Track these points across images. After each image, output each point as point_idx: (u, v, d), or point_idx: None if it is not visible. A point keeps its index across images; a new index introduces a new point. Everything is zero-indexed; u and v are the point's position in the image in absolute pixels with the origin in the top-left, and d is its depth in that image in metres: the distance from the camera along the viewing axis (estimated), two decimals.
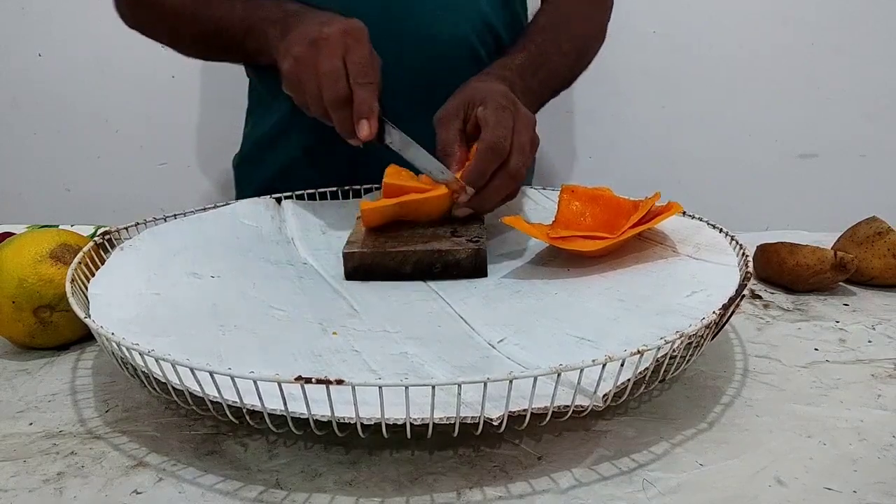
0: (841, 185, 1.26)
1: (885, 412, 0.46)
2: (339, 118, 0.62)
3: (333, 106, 0.61)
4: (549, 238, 0.58)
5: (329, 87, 0.61)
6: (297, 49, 0.62)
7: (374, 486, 0.40)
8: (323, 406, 0.37)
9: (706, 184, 1.26)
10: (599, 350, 0.45)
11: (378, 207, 0.61)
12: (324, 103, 0.62)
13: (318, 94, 0.62)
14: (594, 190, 0.63)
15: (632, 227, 0.56)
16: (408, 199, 0.61)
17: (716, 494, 0.39)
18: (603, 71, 0.80)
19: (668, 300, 0.50)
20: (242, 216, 0.68)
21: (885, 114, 1.23)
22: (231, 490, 0.40)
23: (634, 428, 0.44)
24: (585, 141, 1.28)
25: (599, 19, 0.85)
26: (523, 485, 0.39)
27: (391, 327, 0.51)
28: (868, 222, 0.64)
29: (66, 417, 0.47)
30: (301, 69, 0.62)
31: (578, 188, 0.64)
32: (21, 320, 0.54)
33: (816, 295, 0.63)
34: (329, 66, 0.61)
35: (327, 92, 0.61)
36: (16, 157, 1.34)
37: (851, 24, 1.19)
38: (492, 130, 0.59)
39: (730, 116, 1.25)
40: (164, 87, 1.28)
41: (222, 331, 0.49)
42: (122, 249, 0.59)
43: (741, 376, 0.50)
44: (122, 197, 1.34)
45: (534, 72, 0.72)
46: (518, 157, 0.60)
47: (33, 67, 1.29)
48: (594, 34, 0.84)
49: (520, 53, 0.74)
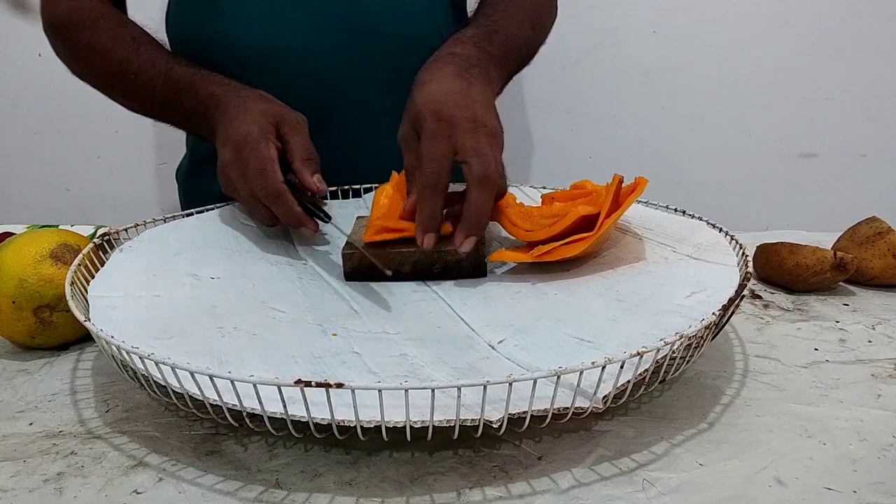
0: (841, 185, 1.26)
1: (885, 412, 0.46)
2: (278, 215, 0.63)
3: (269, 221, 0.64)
4: (534, 258, 0.57)
5: (254, 213, 0.64)
6: (220, 160, 0.64)
7: (374, 486, 0.40)
8: (323, 409, 0.37)
9: (706, 184, 1.26)
10: (599, 351, 0.45)
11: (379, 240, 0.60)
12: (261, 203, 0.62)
13: (251, 214, 0.65)
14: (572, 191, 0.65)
15: (606, 217, 0.56)
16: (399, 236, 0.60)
17: (716, 494, 0.39)
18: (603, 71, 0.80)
19: (667, 300, 0.50)
20: (242, 217, 0.68)
21: (885, 114, 1.23)
22: (231, 490, 0.40)
23: (634, 428, 0.44)
24: (585, 141, 1.28)
25: None
26: (523, 485, 0.39)
27: (391, 328, 0.51)
28: (868, 222, 0.64)
29: (66, 417, 0.47)
30: (228, 196, 0.66)
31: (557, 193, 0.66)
32: (21, 320, 0.54)
33: (816, 295, 0.63)
34: (243, 195, 0.63)
35: (256, 216, 0.64)
36: (16, 157, 1.34)
37: (851, 24, 1.19)
38: (424, 166, 0.56)
39: (730, 116, 1.25)
40: None
41: (222, 332, 0.49)
42: (121, 251, 0.59)
43: (741, 376, 0.50)
44: (122, 197, 1.34)
45: (489, 39, 0.68)
46: (482, 167, 0.55)
47: (33, 67, 1.28)
48: (545, 5, 0.82)
49: (471, 27, 0.70)
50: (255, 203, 0.62)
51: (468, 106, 0.57)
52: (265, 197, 0.61)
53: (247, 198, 0.62)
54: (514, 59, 0.73)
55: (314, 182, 0.62)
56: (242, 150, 0.62)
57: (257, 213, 0.63)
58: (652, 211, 0.65)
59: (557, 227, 0.57)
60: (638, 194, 0.57)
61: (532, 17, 0.78)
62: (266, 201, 0.61)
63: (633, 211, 0.63)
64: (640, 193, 0.58)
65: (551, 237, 0.57)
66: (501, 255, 0.58)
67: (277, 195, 0.60)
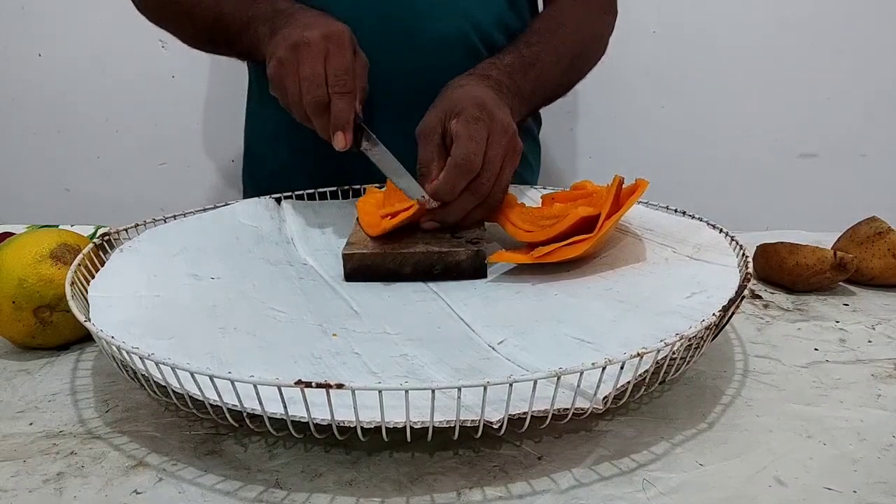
0: (841, 185, 1.26)
1: (885, 412, 0.46)
2: (319, 124, 0.62)
3: (314, 112, 0.62)
4: (534, 259, 0.57)
5: (309, 93, 0.61)
6: (280, 52, 0.62)
7: (374, 486, 0.40)
8: (323, 410, 0.37)
9: (706, 184, 1.26)
10: (599, 352, 0.45)
11: (377, 226, 0.61)
12: (304, 108, 0.62)
13: (298, 99, 0.62)
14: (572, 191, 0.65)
15: (607, 218, 0.56)
16: (403, 219, 0.60)
17: (716, 494, 0.39)
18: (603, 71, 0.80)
19: (667, 301, 0.50)
20: (242, 216, 0.68)
21: (885, 114, 1.23)
22: (231, 490, 0.40)
23: (634, 428, 0.44)
24: (585, 141, 1.28)
25: (599, 28, 0.84)
26: (523, 485, 0.39)
27: (391, 329, 0.51)
28: (868, 222, 0.64)
29: (66, 417, 0.47)
30: (283, 73, 0.62)
31: (558, 194, 0.66)
32: (21, 320, 0.54)
33: (816, 295, 0.63)
34: (309, 72, 0.61)
35: (307, 97, 0.61)
36: (16, 157, 1.34)
37: (851, 24, 1.19)
38: (462, 146, 0.58)
39: (730, 116, 1.25)
40: (164, 87, 1.28)
41: (222, 333, 0.49)
42: (121, 251, 0.58)
43: (741, 376, 0.50)
44: (122, 197, 1.34)
45: (524, 72, 0.71)
46: (488, 173, 0.59)
47: (33, 67, 1.29)
48: (592, 43, 0.83)
49: (510, 54, 0.72)
50: (318, 87, 0.61)
51: (504, 113, 0.62)
52: (338, 86, 0.61)
53: (313, 79, 0.61)
54: (542, 96, 0.76)
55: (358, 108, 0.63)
56: (331, 42, 0.62)
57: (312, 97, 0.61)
58: (652, 211, 0.65)
59: (558, 228, 0.57)
60: (638, 196, 0.57)
61: (575, 51, 0.79)
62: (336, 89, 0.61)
63: (633, 211, 0.62)
64: (641, 195, 0.58)
65: (551, 238, 0.57)
66: (501, 257, 0.58)
67: (350, 91, 0.61)
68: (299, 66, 0.61)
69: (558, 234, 0.57)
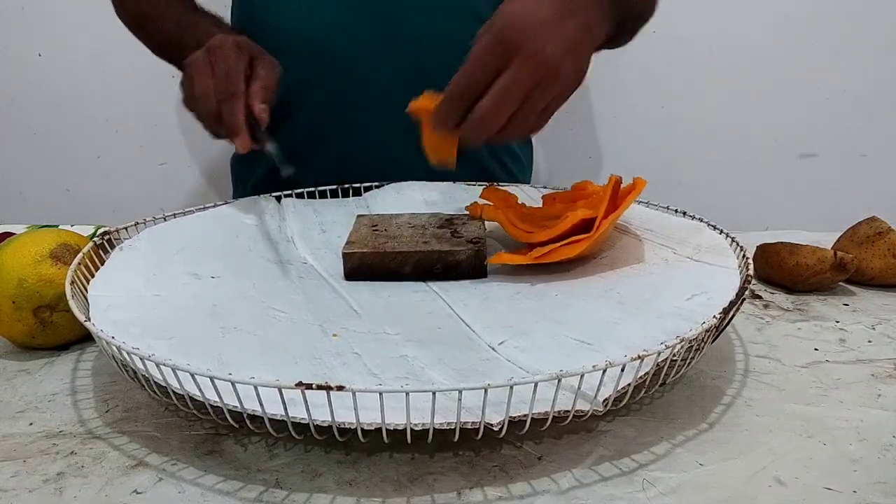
0: (841, 185, 1.26)
1: (885, 412, 0.46)
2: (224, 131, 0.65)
3: (213, 124, 0.65)
4: (533, 259, 0.57)
5: (202, 108, 0.65)
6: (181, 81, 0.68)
7: (374, 486, 0.40)
8: (323, 411, 0.37)
9: (706, 184, 1.26)
10: (600, 353, 0.45)
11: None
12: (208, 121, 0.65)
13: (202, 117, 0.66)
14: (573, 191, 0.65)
15: (604, 218, 0.56)
16: None
17: (716, 494, 0.39)
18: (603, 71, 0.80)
19: (668, 303, 0.50)
20: (242, 215, 0.68)
21: (885, 114, 1.23)
22: (231, 490, 0.40)
23: (634, 428, 0.44)
24: (585, 141, 1.28)
25: None
26: (523, 485, 0.39)
27: (391, 329, 0.51)
28: (868, 222, 0.64)
29: (66, 417, 0.47)
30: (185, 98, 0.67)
31: (558, 194, 0.66)
32: (21, 320, 0.54)
33: (816, 295, 0.63)
34: (199, 88, 0.64)
35: (202, 113, 0.66)
36: (16, 157, 1.34)
37: (851, 24, 1.19)
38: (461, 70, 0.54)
39: (730, 116, 1.25)
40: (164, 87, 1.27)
41: (222, 332, 0.49)
42: (121, 250, 0.58)
43: (741, 376, 0.50)
44: (122, 197, 1.34)
45: None
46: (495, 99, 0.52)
47: (33, 67, 1.28)
48: None
49: None
50: (208, 99, 0.64)
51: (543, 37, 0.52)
52: (221, 93, 0.63)
53: (203, 93, 0.64)
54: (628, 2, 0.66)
55: (258, 108, 0.64)
56: (214, 53, 0.65)
57: (206, 113, 0.65)
58: (652, 211, 0.65)
59: (557, 229, 0.57)
60: (636, 195, 0.57)
61: None
62: (220, 97, 0.63)
63: (633, 211, 0.63)
64: (639, 194, 0.58)
65: (551, 239, 0.57)
66: (501, 258, 0.58)
67: (233, 95, 0.63)
68: (193, 86, 0.65)
69: (558, 234, 0.57)
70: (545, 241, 0.57)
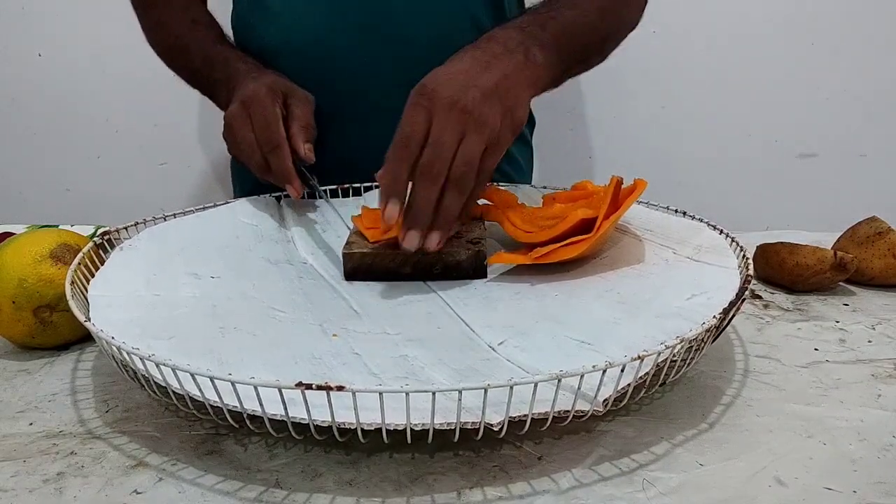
0: (841, 185, 1.26)
1: (885, 412, 0.46)
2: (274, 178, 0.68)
3: (264, 174, 0.68)
4: (532, 259, 0.57)
5: (250, 161, 0.68)
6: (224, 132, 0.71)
7: (374, 486, 0.40)
8: (323, 411, 0.37)
9: (706, 184, 1.26)
10: (599, 353, 0.45)
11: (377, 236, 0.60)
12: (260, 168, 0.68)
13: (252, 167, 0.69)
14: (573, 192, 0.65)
15: (605, 218, 0.56)
16: None
17: (716, 494, 0.39)
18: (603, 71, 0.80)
19: (668, 303, 0.50)
20: (242, 215, 0.68)
21: (885, 114, 1.23)
22: (231, 490, 0.40)
23: (634, 428, 0.44)
24: (585, 141, 1.28)
25: None
26: (523, 485, 0.39)
27: (391, 329, 0.51)
28: (868, 222, 0.64)
29: (66, 417, 0.47)
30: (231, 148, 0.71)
31: (559, 194, 0.66)
32: (21, 320, 0.54)
33: (816, 295, 0.63)
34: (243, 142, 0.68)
35: (251, 166, 0.69)
36: (16, 157, 1.34)
37: (851, 24, 1.19)
38: (396, 134, 0.54)
39: (730, 116, 1.25)
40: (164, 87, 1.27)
41: (222, 333, 0.49)
42: (121, 250, 0.58)
43: (741, 376, 0.50)
44: (122, 197, 1.34)
45: (542, 26, 0.63)
46: (434, 150, 0.52)
47: (33, 67, 1.29)
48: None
49: (524, 15, 0.66)
50: (254, 152, 0.67)
51: (461, 87, 0.54)
52: (266, 144, 0.66)
53: (247, 147, 0.67)
54: (572, 46, 0.66)
55: (304, 148, 0.67)
56: (250, 105, 0.67)
57: (253, 162, 0.68)
58: (652, 212, 0.65)
59: (557, 229, 0.57)
60: (637, 196, 0.57)
61: (601, 5, 0.71)
62: (265, 149, 0.66)
63: (633, 212, 0.63)
64: (639, 195, 0.58)
65: (551, 239, 0.57)
66: (500, 258, 0.58)
67: (277, 146, 0.66)
68: (236, 139, 0.69)
69: (558, 235, 0.57)
70: (545, 241, 0.57)
